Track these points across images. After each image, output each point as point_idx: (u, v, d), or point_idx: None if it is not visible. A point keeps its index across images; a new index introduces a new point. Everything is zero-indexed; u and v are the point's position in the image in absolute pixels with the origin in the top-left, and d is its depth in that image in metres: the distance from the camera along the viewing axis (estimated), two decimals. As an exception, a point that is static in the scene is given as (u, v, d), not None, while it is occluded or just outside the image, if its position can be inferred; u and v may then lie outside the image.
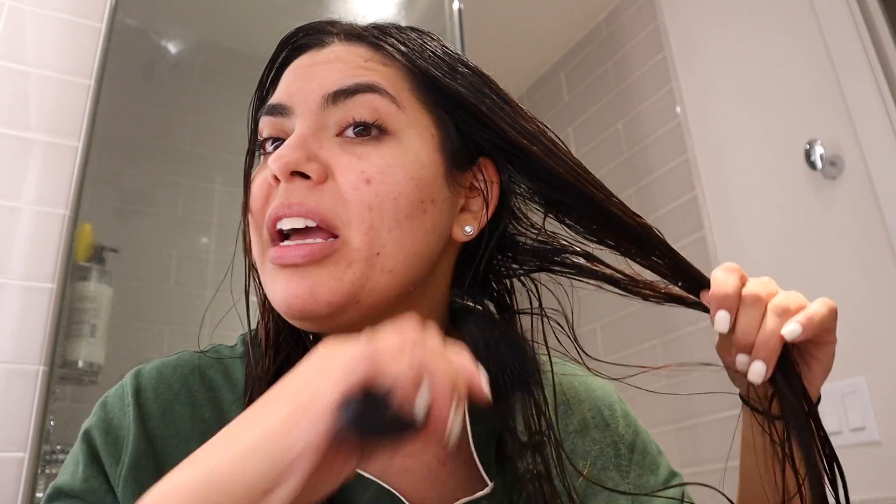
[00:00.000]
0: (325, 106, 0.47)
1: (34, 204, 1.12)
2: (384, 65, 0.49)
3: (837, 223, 1.42)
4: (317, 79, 0.48)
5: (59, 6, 1.23)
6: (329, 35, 0.51)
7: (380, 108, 0.46)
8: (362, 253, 0.44)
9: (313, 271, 0.44)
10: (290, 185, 0.45)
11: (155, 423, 0.47)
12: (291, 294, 0.44)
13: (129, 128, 1.46)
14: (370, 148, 0.46)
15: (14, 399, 1.01)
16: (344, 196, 0.44)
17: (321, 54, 0.50)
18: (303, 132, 0.46)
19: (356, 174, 0.45)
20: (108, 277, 1.21)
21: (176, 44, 1.60)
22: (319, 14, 1.61)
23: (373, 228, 0.44)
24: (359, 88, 0.46)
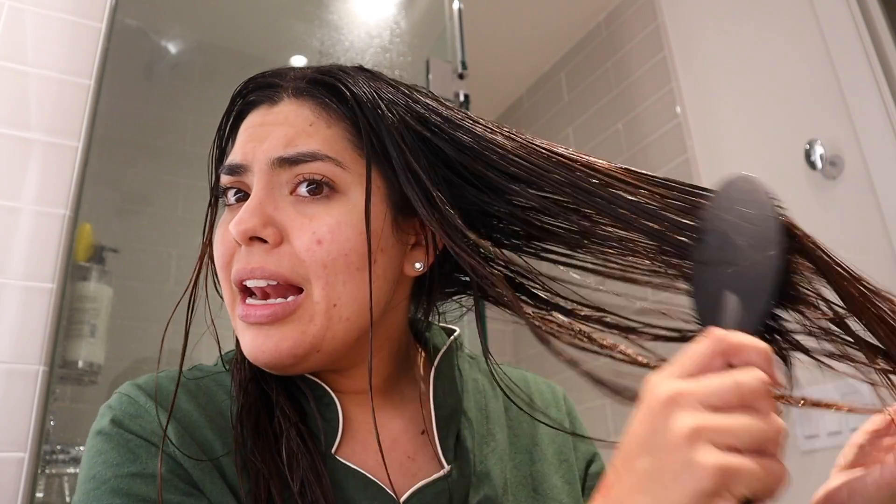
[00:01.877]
0: (275, 168, 0.51)
1: (34, 204, 1.12)
2: (328, 126, 0.52)
3: (837, 223, 1.42)
4: (267, 141, 0.51)
5: (59, 6, 1.23)
6: (279, 90, 0.54)
7: (325, 173, 0.50)
8: (321, 306, 0.49)
9: (278, 329, 0.49)
10: (249, 248, 0.50)
11: (173, 413, 0.50)
12: (258, 349, 0.49)
13: (129, 128, 1.46)
14: (321, 207, 0.50)
15: (14, 399, 1.01)
16: (300, 256, 0.49)
17: (271, 113, 0.53)
18: (259, 195, 0.50)
19: (308, 236, 0.49)
20: (108, 277, 1.21)
21: (176, 44, 1.60)
22: (319, 14, 1.61)
23: (328, 284, 0.49)
24: (302, 158, 0.50)
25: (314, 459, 0.49)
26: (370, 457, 0.53)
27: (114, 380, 1.22)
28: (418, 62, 1.56)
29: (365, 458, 0.53)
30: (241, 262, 0.50)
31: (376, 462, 0.53)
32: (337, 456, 0.52)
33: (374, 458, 0.53)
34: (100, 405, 0.53)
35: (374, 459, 0.53)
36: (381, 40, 1.60)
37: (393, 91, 0.54)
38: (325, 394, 0.54)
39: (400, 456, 0.55)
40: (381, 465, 0.52)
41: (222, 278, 0.52)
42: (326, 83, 0.54)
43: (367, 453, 0.54)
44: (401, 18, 1.65)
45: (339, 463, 0.51)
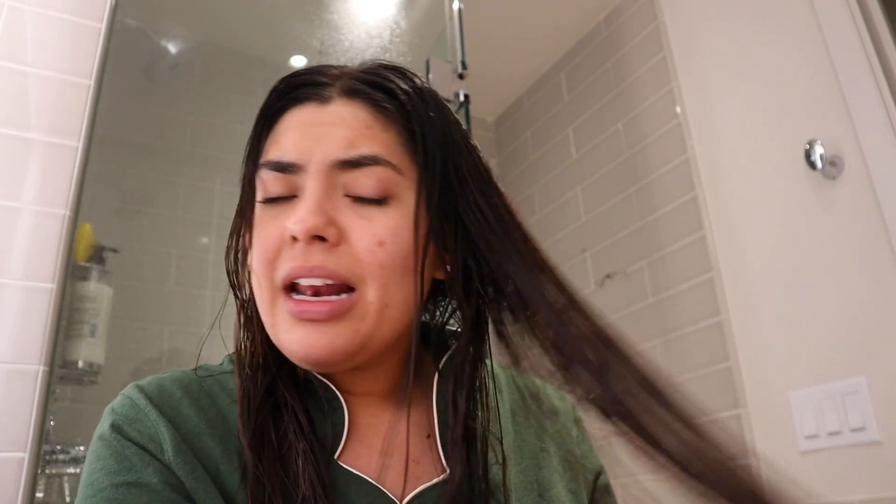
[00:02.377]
0: (334, 169, 0.51)
1: (34, 204, 1.12)
2: (384, 130, 0.53)
3: (837, 223, 1.42)
4: (325, 141, 0.51)
5: (59, 6, 1.23)
6: (327, 88, 0.54)
7: (384, 179, 0.51)
8: (374, 306, 0.50)
9: (333, 326, 0.49)
10: (308, 246, 0.49)
11: (171, 418, 0.50)
12: (311, 346, 0.49)
13: (129, 128, 1.46)
14: (379, 210, 0.51)
15: (14, 399, 1.01)
16: (358, 257, 0.49)
17: (325, 113, 0.53)
18: (317, 195, 0.50)
19: (369, 238, 0.50)
20: (108, 277, 1.21)
21: (176, 44, 1.60)
22: (319, 14, 1.61)
23: (384, 285, 0.50)
24: (364, 161, 0.51)
25: (319, 469, 0.49)
26: (374, 460, 0.54)
27: (114, 380, 1.22)
28: (418, 62, 1.56)
29: (369, 462, 0.53)
30: (298, 259, 0.49)
31: (380, 465, 0.54)
32: (340, 461, 0.52)
33: (379, 461, 0.54)
34: (100, 405, 0.54)
35: (379, 462, 0.54)
36: (381, 40, 1.60)
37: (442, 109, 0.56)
38: (334, 397, 0.55)
39: (405, 459, 0.54)
40: (385, 468, 0.53)
41: (262, 275, 0.51)
42: (381, 86, 0.54)
43: (371, 456, 0.54)
44: (401, 18, 1.65)
45: (341, 468, 0.51)
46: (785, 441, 1.46)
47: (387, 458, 0.54)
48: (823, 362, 1.41)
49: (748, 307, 1.59)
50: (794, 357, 1.47)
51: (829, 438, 1.37)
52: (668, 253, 1.81)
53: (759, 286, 1.57)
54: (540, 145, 2.42)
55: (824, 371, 1.40)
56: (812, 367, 1.43)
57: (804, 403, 1.43)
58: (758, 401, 1.52)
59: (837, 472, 1.35)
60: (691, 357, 1.71)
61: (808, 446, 1.41)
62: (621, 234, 1.99)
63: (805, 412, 1.42)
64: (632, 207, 1.96)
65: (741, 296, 1.61)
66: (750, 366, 1.56)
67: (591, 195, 2.14)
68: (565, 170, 2.27)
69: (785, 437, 1.46)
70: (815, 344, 1.43)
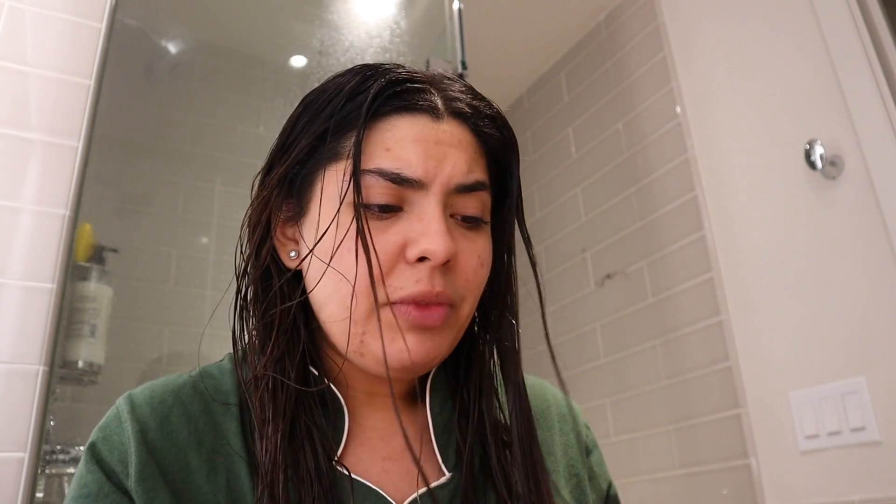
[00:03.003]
0: (453, 192, 0.52)
1: (34, 204, 1.12)
2: (481, 156, 0.55)
3: (837, 223, 1.42)
4: (449, 163, 0.52)
5: (59, 6, 1.23)
6: (436, 101, 0.54)
7: (485, 203, 0.55)
8: (464, 318, 0.54)
9: (439, 333, 0.52)
10: (435, 269, 0.51)
11: (153, 434, 0.51)
12: (423, 352, 0.51)
13: (129, 128, 1.46)
14: (476, 232, 0.54)
15: (14, 399, 1.01)
16: (465, 276, 0.53)
17: (442, 131, 0.53)
18: (442, 217, 0.51)
19: (475, 260, 0.53)
20: (108, 277, 1.21)
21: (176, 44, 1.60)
22: (319, 14, 1.61)
23: (475, 300, 0.54)
24: (478, 187, 0.53)
25: (324, 482, 0.50)
26: (376, 463, 0.54)
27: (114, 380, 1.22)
28: (418, 62, 1.56)
29: (370, 465, 0.54)
30: (424, 284, 0.50)
31: (382, 469, 0.54)
32: (338, 466, 0.52)
33: (381, 464, 0.54)
34: (100, 405, 0.54)
35: (381, 466, 0.54)
36: (381, 40, 1.60)
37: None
38: (335, 398, 0.55)
39: (408, 462, 0.55)
40: (386, 472, 0.54)
41: (366, 288, 0.49)
42: (479, 111, 0.56)
43: (373, 460, 0.54)
44: (401, 18, 1.65)
45: (339, 472, 0.52)
46: (785, 441, 1.46)
47: (389, 461, 0.55)
48: (823, 362, 1.41)
49: (748, 307, 1.59)
50: (794, 357, 1.47)
51: (829, 438, 1.37)
52: (668, 253, 1.81)
53: (759, 286, 1.57)
54: (540, 145, 2.42)
55: (824, 371, 1.40)
56: (812, 367, 1.43)
57: (804, 403, 1.43)
58: (758, 401, 1.52)
59: (837, 472, 1.35)
60: (691, 357, 1.71)
61: (808, 446, 1.41)
62: (621, 234, 1.99)
63: (805, 412, 1.42)
64: (632, 207, 1.96)
65: (741, 296, 1.61)
66: (750, 366, 1.56)
67: (591, 195, 2.14)
68: (565, 170, 2.27)
69: (785, 437, 1.46)
70: (815, 344, 1.43)
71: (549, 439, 0.62)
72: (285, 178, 0.54)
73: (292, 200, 0.56)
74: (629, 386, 1.88)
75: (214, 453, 0.51)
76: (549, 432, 0.63)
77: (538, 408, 0.63)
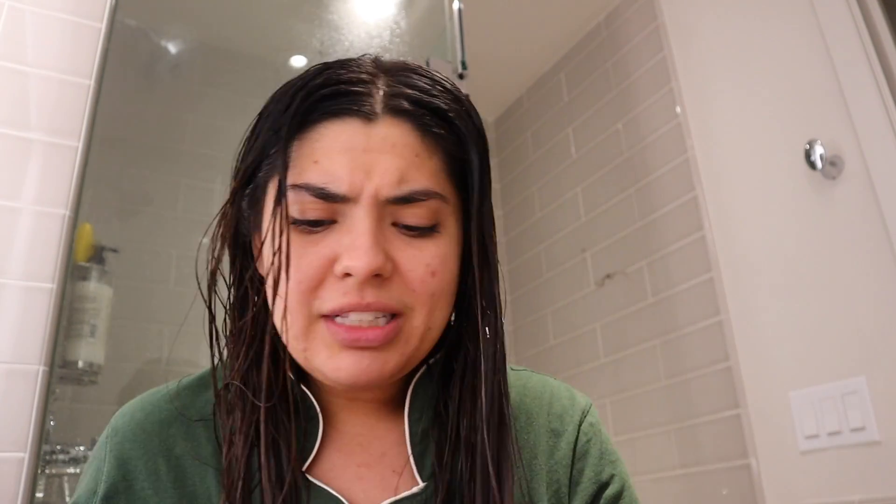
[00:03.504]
0: (386, 204, 0.49)
1: (34, 204, 1.12)
2: (430, 157, 0.51)
3: (837, 223, 1.42)
4: (377, 172, 0.49)
5: (59, 6, 1.23)
6: (369, 100, 0.50)
7: (433, 210, 0.51)
8: (419, 330, 0.51)
9: (383, 352, 0.50)
10: (364, 282, 0.48)
11: (128, 446, 0.53)
12: (363, 372, 0.49)
13: (129, 128, 1.46)
14: (428, 240, 0.51)
15: (14, 399, 1.01)
16: (411, 287, 0.50)
17: (372, 137, 0.49)
18: (372, 230, 0.48)
19: (423, 269, 0.50)
20: (108, 277, 1.21)
21: (176, 44, 1.60)
22: (319, 14, 1.61)
23: (430, 310, 0.51)
24: (415, 197, 0.49)
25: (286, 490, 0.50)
26: (350, 470, 0.54)
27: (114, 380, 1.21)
28: (418, 62, 1.56)
29: (343, 471, 0.53)
30: (352, 296, 0.48)
31: (355, 476, 0.53)
32: (308, 475, 0.52)
33: (355, 471, 0.54)
34: (100, 405, 0.55)
35: (354, 472, 0.54)
36: (381, 40, 1.60)
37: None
38: (311, 406, 0.55)
39: (384, 470, 0.54)
40: (359, 479, 0.53)
41: (298, 302, 0.49)
42: (427, 105, 0.52)
43: (347, 466, 0.54)
44: (401, 18, 1.65)
45: (308, 481, 0.52)
46: (785, 441, 1.46)
47: (364, 467, 0.54)
48: (823, 362, 1.41)
49: (748, 307, 1.58)
50: (794, 357, 1.47)
51: (829, 438, 1.37)
52: (668, 253, 1.81)
53: (759, 286, 1.57)
54: (540, 145, 2.42)
55: (824, 371, 1.40)
56: (812, 367, 1.43)
57: (804, 403, 1.43)
58: (758, 401, 1.52)
59: (837, 472, 1.35)
60: (691, 357, 1.71)
61: (808, 446, 1.41)
62: (621, 234, 1.99)
63: (805, 412, 1.42)
64: (632, 207, 1.96)
65: (741, 296, 1.61)
66: (750, 366, 1.56)
67: (591, 195, 2.14)
68: (565, 170, 2.27)
69: (785, 437, 1.46)
70: (815, 344, 1.43)
71: (534, 442, 0.59)
72: (240, 191, 0.53)
73: (253, 210, 0.55)
74: (629, 386, 1.88)
75: (184, 459, 0.52)
76: (533, 435, 0.59)
77: (531, 408, 0.60)
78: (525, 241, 2.43)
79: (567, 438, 0.59)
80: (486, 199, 0.54)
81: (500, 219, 2.58)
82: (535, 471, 0.57)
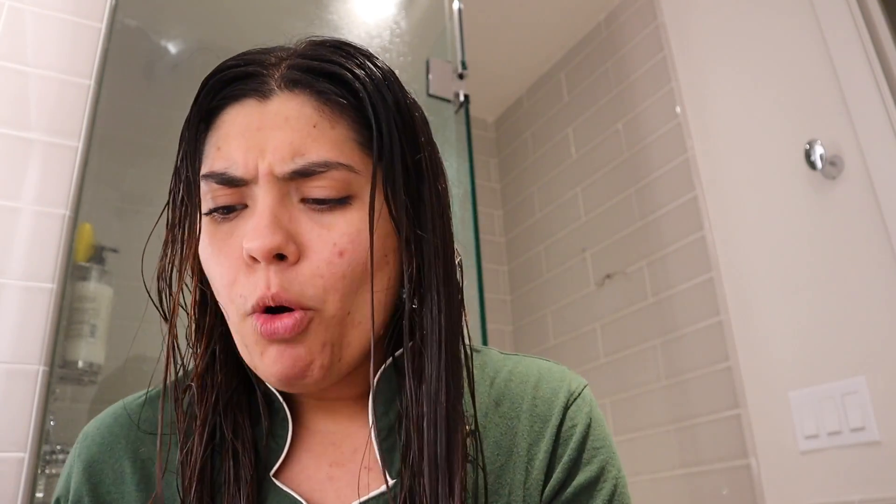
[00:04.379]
0: (284, 180, 0.47)
1: (34, 204, 1.12)
2: (332, 125, 0.48)
3: (837, 223, 1.42)
4: (270, 151, 0.47)
5: (59, 6, 1.23)
6: (266, 80, 0.49)
7: (339, 180, 0.47)
8: (336, 319, 0.47)
9: (301, 343, 0.47)
10: (268, 266, 0.46)
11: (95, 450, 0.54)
12: (286, 366, 0.46)
13: (129, 128, 1.46)
14: (337, 215, 0.47)
15: (14, 399, 1.01)
16: (318, 271, 0.46)
17: (266, 113, 0.48)
18: (272, 208, 0.46)
19: (329, 249, 0.47)
20: (108, 277, 1.21)
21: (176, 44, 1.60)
22: (319, 14, 1.61)
23: (345, 294, 0.47)
24: (314, 169, 0.47)
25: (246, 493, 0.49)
26: (321, 470, 0.52)
27: (114, 380, 1.21)
28: (418, 62, 1.56)
29: (315, 472, 0.52)
30: (260, 287, 0.46)
31: (327, 476, 0.52)
32: (276, 479, 0.51)
33: (327, 471, 0.52)
34: (100, 405, 0.55)
35: (326, 473, 0.52)
36: (381, 40, 1.60)
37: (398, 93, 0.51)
38: (280, 408, 0.54)
39: (356, 467, 0.52)
40: (330, 479, 0.52)
41: (227, 298, 0.48)
42: (325, 72, 0.49)
43: (319, 466, 0.53)
44: (401, 18, 1.65)
45: (274, 486, 0.51)
46: (785, 441, 1.46)
47: (335, 467, 0.53)
48: (823, 362, 1.41)
49: (748, 307, 1.58)
50: (794, 357, 1.47)
51: (829, 438, 1.37)
52: (668, 253, 1.81)
53: (759, 286, 1.57)
54: (540, 145, 2.42)
55: (824, 371, 1.40)
56: (812, 367, 1.43)
57: (804, 403, 1.43)
58: (758, 401, 1.52)
59: (837, 472, 1.35)
60: (691, 357, 1.71)
61: (808, 446, 1.41)
62: (621, 234, 1.99)
63: (805, 412, 1.42)
64: (632, 207, 1.96)
65: (741, 296, 1.61)
66: (750, 366, 1.56)
67: (591, 195, 2.14)
68: (565, 170, 2.27)
69: (785, 437, 1.46)
70: (815, 344, 1.43)
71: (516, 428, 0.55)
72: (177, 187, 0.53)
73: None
74: (629, 386, 1.88)
75: (150, 462, 0.52)
76: (516, 421, 0.55)
77: (515, 393, 0.56)
78: (525, 241, 2.43)
79: (553, 422, 0.55)
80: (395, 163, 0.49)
81: (500, 219, 2.58)
82: (514, 461, 0.53)
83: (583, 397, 0.57)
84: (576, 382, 0.58)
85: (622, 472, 0.56)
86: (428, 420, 0.48)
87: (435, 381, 0.48)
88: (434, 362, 0.49)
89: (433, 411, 0.48)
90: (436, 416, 0.48)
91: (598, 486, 0.53)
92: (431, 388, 0.48)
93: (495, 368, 0.58)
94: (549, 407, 0.56)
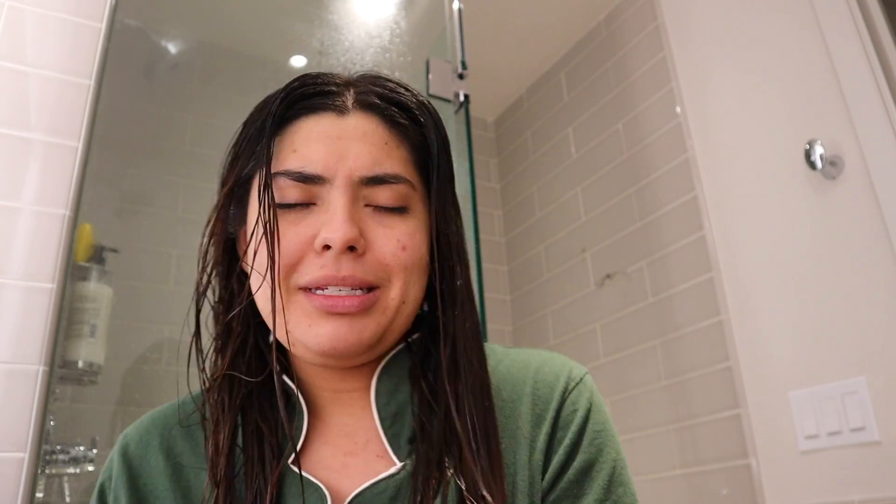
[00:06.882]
0: (359, 184, 0.54)
1: (34, 204, 1.12)
2: (398, 146, 0.57)
3: (837, 223, 1.42)
4: (350, 156, 0.54)
5: (59, 6, 1.23)
6: (341, 97, 0.57)
7: (402, 193, 0.56)
8: (395, 302, 0.55)
9: (360, 319, 0.53)
10: (339, 256, 0.53)
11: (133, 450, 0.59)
12: (340, 338, 0.53)
13: (129, 128, 1.46)
14: (397, 219, 0.55)
15: (14, 399, 1.01)
16: (384, 261, 0.54)
17: (346, 126, 0.56)
18: (347, 207, 0.53)
19: (394, 243, 0.54)
20: (108, 277, 1.21)
21: (176, 44, 1.60)
22: (319, 14, 1.61)
23: (405, 283, 0.55)
24: (387, 179, 0.55)
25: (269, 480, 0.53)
26: (337, 459, 0.56)
27: (114, 380, 1.21)
28: (418, 62, 1.56)
29: (331, 462, 0.56)
30: (329, 268, 0.52)
31: (342, 464, 0.56)
32: (293, 466, 0.55)
33: (342, 460, 0.56)
34: (100, 405, 0.56)
35: (341, 462, 0.56)
36: (381, 40, 1.60)
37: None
38: (296, 401, 0.58)
39: (369, 455, 0.56)
40: (345, 468, 0.56)
41: (282, 278, 0.53)
42: (393, 100, 0.58)
43: (334, 456, 0.57)
44: (401, 18, 1.65)
45: (292, 471, 0.55)
46: (785, 441, 1.46)
47: (350, 456, 0.56)
48: (823, 362, 1.41)
49: (748, 307, 1.59)
50: (794, 357, 1.47)
51: (829, 438, 1.37)
52: (668, 253, 1.81)
53: (759, 286, 1.57)
54: (540, 145, 2.42)
55: (824, 371, 1.40)
56: (812, 367, 1.43)
57: (804, 403, 1.43)
58: (758, 401, 1.52)
59: (837, 472, 1.35)
60: (691, 357, 1.71)
61: (808, 446, 1.41)
62: (621, 234, 1.99)
63: (805, 412, 1.42)
64: (632, 207, 1.96)
65: (741, 296, 1.61)
66: (750, 366, 1.56)
67: (591, 195, 2.14)
68: (565, 170, 2.27)
69: (785, 437, 1.46)
70: (815, 344, 1.43)
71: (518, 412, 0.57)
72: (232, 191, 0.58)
73: (239, 208, 0.60)
74: (629, 386, 1.88)
75: (182, 457, 0.58)
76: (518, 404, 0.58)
77: (516, 377, 0.59)
78: (525, 241, 2.43)
79: (553, 405, 0.57)
80: (445, 185, 0.59)
81: (500, 219, 2.58)
82: (518, 441, 0.56)
83: (584, 383, 0.61)
84: (577, 370, 0.62)
85: (622, 455, 0.58)
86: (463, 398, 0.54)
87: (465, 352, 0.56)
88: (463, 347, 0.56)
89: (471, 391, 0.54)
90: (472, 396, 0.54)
91: (597, 468, 0.56)
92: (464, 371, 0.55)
93: (497, 359, 0.62)
94: (550, 390, 0.59)
